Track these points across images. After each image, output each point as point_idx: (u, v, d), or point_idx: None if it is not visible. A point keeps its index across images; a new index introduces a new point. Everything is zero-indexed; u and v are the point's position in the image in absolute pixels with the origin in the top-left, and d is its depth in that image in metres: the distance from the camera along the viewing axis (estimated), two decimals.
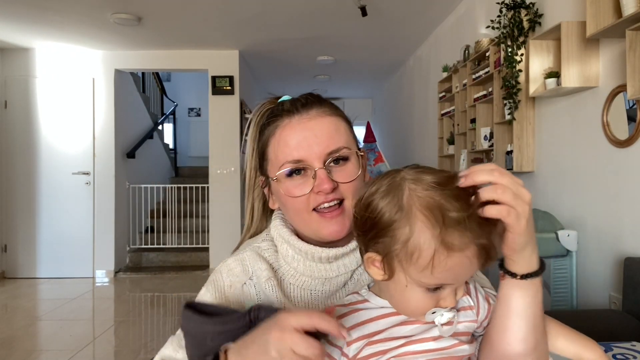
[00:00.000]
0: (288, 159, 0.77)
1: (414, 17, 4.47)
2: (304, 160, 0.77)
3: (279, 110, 0.82)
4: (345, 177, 0.78)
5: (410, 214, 0.58)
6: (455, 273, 0.59)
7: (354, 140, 0.84)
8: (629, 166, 2.15)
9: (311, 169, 0.77)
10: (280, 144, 0.79)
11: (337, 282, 0.80)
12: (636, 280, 1.93)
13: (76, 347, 3.17)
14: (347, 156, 0.79)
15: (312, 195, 0.77)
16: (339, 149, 0.78)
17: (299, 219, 0.80)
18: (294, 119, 0.79)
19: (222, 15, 4.36)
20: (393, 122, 7.34)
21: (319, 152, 0.77)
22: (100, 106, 5.48)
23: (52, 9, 4.10)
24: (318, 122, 0.79)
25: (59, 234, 5.42)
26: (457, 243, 0.56)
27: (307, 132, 0.78)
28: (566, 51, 2.35)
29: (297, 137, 0.78)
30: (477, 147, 3.46)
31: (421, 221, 0.58)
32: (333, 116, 0.81)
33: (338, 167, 0.78)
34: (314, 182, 0.76)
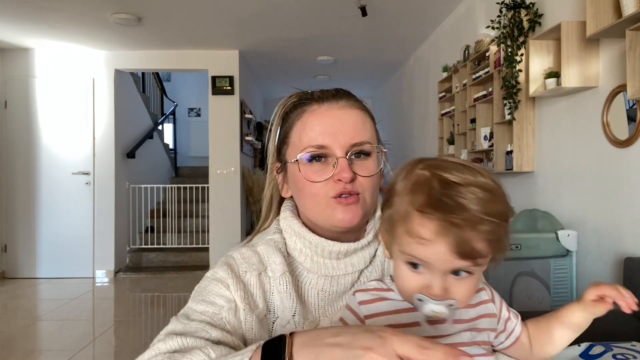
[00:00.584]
0: (312, 143, 0.77)
1: (414, 17, 4.47)
2: (328, 147, 0.76)
3: (307, 98, 0.82)
4: (364, 171, 0.77)
5: (406, 186, 0.62)
6: (427, 249, 0.59)
7: (377, 137, 0.84)
8: (629, 166, 2.15)
9: (333, 157, 0.76)
10: (305, 128, 0.78)
11: (345, 282, 0.79)
12: (636, 280, 1.93)
13: (76, 347, 3.17)
14: (370, 152, 0.79)
15: (331, 183, 0.76)
16: (363, 142, 0.78)
17: (314, 204, 0.78)
18: (324, 106, 0.79)
19: (222, 15, 4.36)
20: (393, 122, 7.34)
21: (344, 142, 0.76)
22: (100, 106, 5.48)
23: (52, 9, 4.10)
24: (346, 112, 0.79)
25: (59, 234, 5.42)
26: (429, 213, 0.57)
27: (335, 120, 0.77)
28: (566, 51, 2.35)
29: (324, 123, 0.77)
30: (477, 147, 3.46)
31: (407, 191, 0.61)
32: (361, 110, 0.82)
33: (359, 160, 0.77)
34: (333, 170, 0.76)
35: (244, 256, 0.79)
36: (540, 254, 2.37)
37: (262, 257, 0.79)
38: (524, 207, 2.93)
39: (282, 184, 0.85)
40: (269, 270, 0.78)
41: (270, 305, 0.77)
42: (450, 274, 0.60)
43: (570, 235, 2.38)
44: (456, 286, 0.61)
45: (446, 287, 0.60)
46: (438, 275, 0.60)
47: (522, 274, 2.49)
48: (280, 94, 0.89)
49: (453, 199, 0.57)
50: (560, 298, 2.41)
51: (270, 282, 0.77)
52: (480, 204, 0.57)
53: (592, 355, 1.45)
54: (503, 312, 0.70)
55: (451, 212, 0.56)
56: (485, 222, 0.57)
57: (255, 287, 0.76)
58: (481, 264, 0.60)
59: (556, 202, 2.71)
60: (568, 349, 1.48)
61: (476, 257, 0.58)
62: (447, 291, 0.60)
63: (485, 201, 0.58)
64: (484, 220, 0.57)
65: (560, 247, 2.38)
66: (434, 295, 0.60)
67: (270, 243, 0.81)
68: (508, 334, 0.70)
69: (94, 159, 5.48)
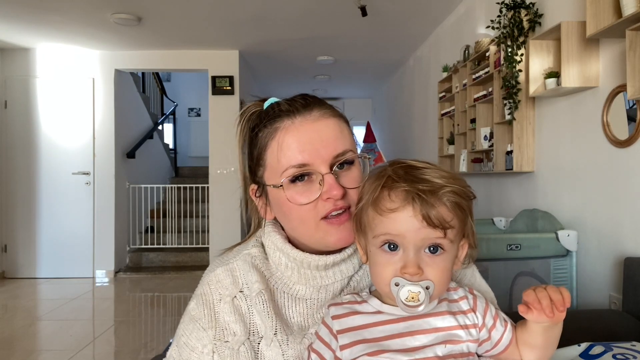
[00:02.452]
0: (292, 163, 0.71)
1: (414, 17, 4.47)
2: (310, 165, 0.72)
3: (275, 112, 0.76)
4: (351, 182, 0.74)
5: (372, 180, 0.68)
6: (397, 220, 0.63)
7: (355, 142, 0.80)
8: (629, 166, 2.15)
9: (317, 173, 0.72)
10: (282, 148, 0.72)
11: (334, 289, 0.77)
12: (636, 280, 1.93)
13: (76, 347, 3.17)
14: (352, 160, 0.75)
15: (320, 202, 0.72)
16: (345, 151, 0.74)
17: (304, 229, 0.74)
18: (297, 120, 0.73)
19: (222, 15, 4.36)
20: (393, 122, 7.34)
21: (326, 156, 0.72)
22: (100, 106, 5.48)
23: (52, 9, 4.10)
24: (322, 124, 0.74)
25: (59, 234, 5.42)
26: (395, 184, 0.64)
27: (312, 134, 0.72)
28: (566, 51, 2.35)
29: (301, 139, 0.72)
30: (477, 147, 3.46)
31: (373, 180, 0.67)
32: (336, 117, 0.77)
33: (344, 171, 0.74)
34: (320, 187, 0.71)
35: (218, 279, 0.77)
36: (540, 254, 2.37)
37: (237, 276, 0.77)
38: (524, 207, 2.93)
39: (264, 208, 0.80)
40: (245, 288, 0.76)
41: (252, 327, 0.74)
42: (424, 252, 0.64)
43: (570, 235, 2.38)
44: (430, 265, 0.64)
45: (421, 264, 0.63)
46: (412, 251, 0.63)
47: (522, 274, 2.49)
48: (280, 94, 0.86)
49: (416, 176, 0.65)
50: None
51: (247, 302, 0.75)
52: (442, 179, 0.65)
53: (592, 355, 1.45)
54: (487, 321, 0.69)
55: (415, 182, 0.63)
56: (447, 188, 0.63)
57: (229, 314, 0.74)
58: (451, 238, 0.64)
59: (556, 202, 2.71)
60: (568, 348, 1.48)
61: (443, 225, 0.62)
62: (422, 270, 0.63)
63: (446, 178, 0.65)
64: (445, 187, 0.63)
65: (560, 247, 2.38)
66: (409, 274, 0.63)
67: (247, 259, 0.78)
68: (494, 343, 0.69)
69: (94, 159, 5.48)
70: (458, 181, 0.66)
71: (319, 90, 8.12)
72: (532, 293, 0.63)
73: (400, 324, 0.65)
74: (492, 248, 2.32)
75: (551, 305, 0.62)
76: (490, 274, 2.41)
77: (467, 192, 0.67)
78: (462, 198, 0.65)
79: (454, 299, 0.69)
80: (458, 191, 0.65)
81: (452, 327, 0.66)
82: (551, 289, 0.64)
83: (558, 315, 0.62)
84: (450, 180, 0.65)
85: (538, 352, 0.68)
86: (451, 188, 0.64)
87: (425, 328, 0.65)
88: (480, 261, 2.32)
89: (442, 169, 0.67)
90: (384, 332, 0.65)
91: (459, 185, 0.65)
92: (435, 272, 0.64)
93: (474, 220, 0.70)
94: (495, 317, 0.70)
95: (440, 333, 0.65)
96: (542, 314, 0.62)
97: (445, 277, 0.66)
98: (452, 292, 0.70)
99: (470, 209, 0.68)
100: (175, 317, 3.90)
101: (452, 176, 0.66)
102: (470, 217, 0.68)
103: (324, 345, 0.67)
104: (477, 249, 0.72)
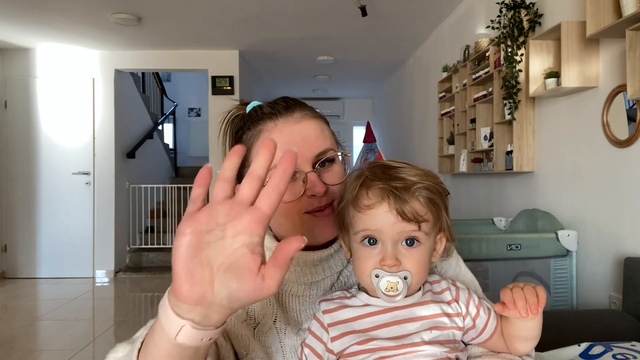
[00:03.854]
0: (276, 162, 0.75)
1: (414, 17, 4.47)
2: None
3: (258, 115, 0.79)
4: (333, 179, 0.78)
5: (352, 181, 0.73)
6: (374, 215, 0.67)
7: (336, 141, 0.84)
8: (629, 166, 2.15)
9: (300, 172, 0.75)
10: None
11: (324, 285, 0.80)
12: (636, 280, 1.93)
13: (76, 347, 3.17)
14: (334, 158, 0.79)
15: (304, 199, 0.75)
16: (326, 150, 0.77)
17: (289, 223, 0.77)
18: (279, 122, 0.77)
19: (222, 15, 4.36)
20: (393, 122, 7.34)
21: (309, 155, 0.75)
22: (100, 106, 5.48)
23: (52, 9, 4.10)
24: (304, 124, 0.77)
25: (59, 234, 5.42)
26: (372, 182, 0.69)
27: (295, 134, 0.76)
28: (566, 51, 2.35)
29: (284, 140, 0.75)
30: (477, 147, 3.46)
31: (353, 181, 0.72)
32: (316, 118, 0.80)
33: (325, 169, 0.77)
34: (304, 185, 0.75)
35: None
36: (540, 254, 2.37)
37: None
38: (524, 207, 2.93)
39: None
40: None
41: (250, 312, 0.77)
42: (401, 245, 0.68)
43: (570, 235, 2.38)
44: (407, 257, 0.68)
45: (398, 256, 0.67)
46: (389, 244, 0.68)
47: (522, 274, 2.49)
48: (280, 94, 0.87)
49: (392, 174, 0.69)
50: (560, 298, 2.41)
51: None
52: (416, 177, 0.69)
53: (592, 355, 1.45)
54: (470, 309, 0.72)
55: (390, 180, 0.68)
56: (419, 185, 0.68)
57: None
58: (426, 231, 0.68)
59: (556, 202, 2.71)
60: (568, 348, 1.49)
61: (417, 219, 0.67)
62: (400, 262, 0.67)
63: (420, 175, 0.70)
64: (418, 184, 0.68)
65: (560, 247, 2.38)
66: (388, 266, 0.67)
67: None
68: (479, 331, 0.72)
69: (94, 159, 5.48)
70: (431, 178, 0.71)
71: (319, 90, 8.12)
72: (509, 293, 0.66)
73: (387, 314, 0.69)
74: (492, 248, 2.32)
75: (526, 306, 0.65)
76: (490, 274, 2.41)
77: (440, 189, 0.71)
78: (435, 194, 0.69)
79: (438, 291, 0.74)
80: (431, 187, 0.69)
81: (437, 315, 0.70)
82: (528, 289, 0.66)
83: (532, 315, 0.66)
84: (424, 177, 0.70)
85: (521, 341, 0.72)
86: (424, 185, 0.68)
87: (411, 317, 0.69)
88: (480, 261, 2.33)
89: (418, 168, 0.72)
90: (372, 322, 0.69)
91: (432, 182, 0.70)
92: (412, 263, 0.68)
93: (449, 215, 0.73)
94: (479, 306, 0.73)
95: (426, 320, 0.69)
96: (517, 314, 0.65)
97: (423, 268, 0.70)
98: (435, 285, 0.75)
99: (445, 204, 0.72)
100: None
101: (426, 174, 0.71)
102: (445, 212, 0.72)
103: (316, 339, 0.70)
104: (454, 241, 0.77)
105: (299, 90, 8.09)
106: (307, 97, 8.56)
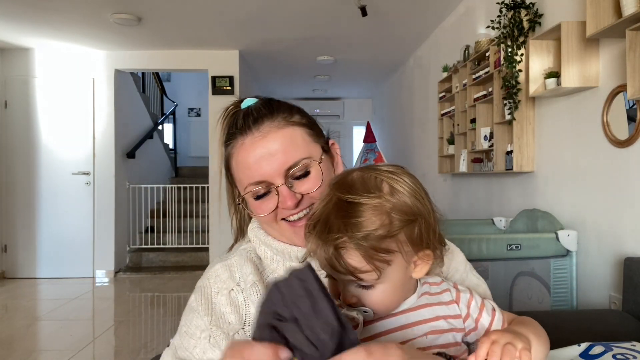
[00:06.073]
0: (250, 181, 0.78)
1: (414, 17, 4.47)
2: (265, 180, 0.77)
3: (234, 128, 0.80)
4: (309, 187, 0.78)
5: None
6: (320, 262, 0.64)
7: (315, 142, 0.81)
8: (629, 166, 2.15)
9: (273, 186, 0.77)
10: (239, 166, 0.79)
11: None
12: (636, 280, 1.93)
13: (76, 347, 3.17)
14: (308, 169, 0.78)
15: (279, 210, 0.78)
16: (298, 162, 0.77)
17: (271, 229, 0.82)
18: (247, 139, 0.78)
19: (222, 15, 4.36)
20: (393, 122, 7.34)
21: (278, 168, 0.76)
22: (100, 106, 5.48)
23: (52, 9, 4.10)
24: (270, 139, 0.77)
25: (59, 234, 5.42)
26: (308, 229, 0.66)
27: (262, 150, 0.76)
28: (566, 51, 2.35)
29: (252, 158, 0.77)
30: (477, 147, 3.46)
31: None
32: (286, 127, 0.79)
33: (299, 181, 0.78)
34: (278, 198, 0.77)
35: (217, 274, 0.81)
36: (540, 254, 2.37)
37: (233, 270, 0.81)
38: (524, 207, 2.93)
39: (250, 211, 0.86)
40: (242, 282, 0.80)
41: (248, 317, 0.78)
42: (354, 287, 0.64)
43: (570, 235, 2.38)
44: (364, 296, 0.63)
45: (356, 295, 0.63)
46: (342, 284, 0.65)
47: (522, 274, 2.49)
48: (280, 94, 0.87)
49: (333, 224, 0.62)
50: (560, 298, 2.41)
51: (244, 295, 0.79)
52: (372, 219, 0.61)
53: (592, 355, 1.45)
54: (472, 311, 0.70)
55: (327, 232, 0.62)
56: (359, 236, 0.60)
57: (225, 306, 0.78)
58: (376, 277, 0.61)
59: (556, 202, 2.71)
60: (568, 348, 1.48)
61: (355, 273, 0.61)
62: (360, 299, 0.64)
63: (381, 215, 0.62)
64: (357, 235, 0.60)
65: (560, 247, 2.38)
66: (345, 302, 0.64)
67: (243, 253, 0.84)
68: (483, 332, 0.70)
69: (94, 159, 5.47)
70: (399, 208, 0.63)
71: (319, 90, 8.12)
72: (486, 346, 0.60)
73: (379, 323, 0.66)
74: (492, 248, 2.32)
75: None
76: (490, 274, 2.41)
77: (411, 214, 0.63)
78: (388, 238, 0.61)
79: (436, 292, 0.71)
80: (375, 237, 0.60)
81: (433, 319, 0.67)
82: (508, 350, 0.59)
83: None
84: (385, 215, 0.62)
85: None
86: (365, 235, 0.60)
87: (405, 323, 0.66)
88: (480, 261, 2.33)
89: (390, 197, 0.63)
90: (363, 334, 0.65)
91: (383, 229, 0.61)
92: (371, 301, 0.64)
93: (433, 226, 0.66)
94: (482, 307, 0.71)
95: (421, 326, 0.66)
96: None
97: (388, 299, 0.65)
98: (434, 286, 0.72)
99: (424, 224, 0.65)
100: (175, 317, 3.90)
101: (397, 206, 0.63)
102: (423, 230, 0.64)
103: None
104: (445, 246, 0.71)
105: (299, 90, 8.08)
106: (307, 97, 8.56)
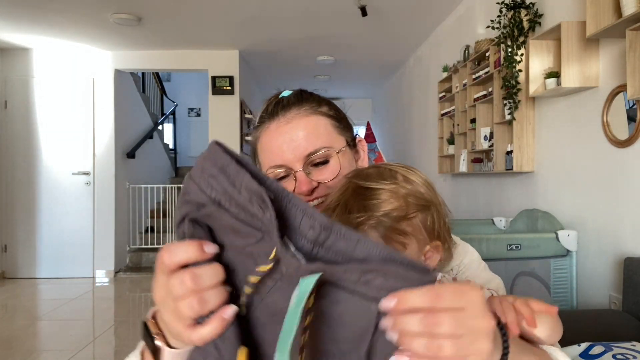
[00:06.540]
0: (271, 164, 0.80)
1: (414, 17, 4.47)
2: (285, 165, 0.79)
3: (265, 113, 0.83)
4: (325, 177, 0.79)
5: None
6: None
7: (339, 134, 0.83)
8: (629, 166, 2.15)
9: (292, 171, 0.78)
10: (263, 150, 0.81)
11: None
12: (636, 280, 1.93)
13: (76, 347, 3.17)
14: (327, 159, 0.79)
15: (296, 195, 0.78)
16: (317, 150, 0.78)
17: None
18: (273, 124, 0.80)
19: (222, 15, 4.36)
20: (393, 122, 7.34)
21: (298, 155, 0.78)
22: (100, 106, 5.48)
23: (52, 9, 4.10)
24: (294, 126, 0.79)
25: (59, 234, 5.42)
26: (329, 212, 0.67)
27: (284, 135, 0.78)
28: (566, 51, 2.35)
29: (275, 142, 0.79)
30: (477, 147, 3.46)
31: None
32: (312, 115, 0.81)
33: (317, 169, 0.79)
34: (295, 183, 0.78)
35: None
36: (540, 254, 2.37)
37: None
38: (524, 207, 2.93)
39: None
40: None
41: None
42: None
43: (570, 235, 2.38)
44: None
45: None
46: None
47: (522, 274, 2.49)
48: None
49: (353, 205, 0.65)
50: (560, 298, 2.41)
51: None
52: (384, 203, 0.64)
53: (592, 355, 1.45)
54: None
55: (349, 212, 0.64)
56: (376, 218, 0.62)
57: None
58: None
59: (556, 202, 2.71)
60: (568, 348, 1.48)
61: None
62: None
63: (393, 199, 0.64)
64: (373, 218, 0.63)
65: (560, 247, 2.38)
66: None
67: None
68: None
69: (94, 159, 5.47)
70: (404, 200, 0.64)
71: (319, 90, 8.06)
72: (498, 304, 0.59)
73: None
74: (492, 248, 2.32)
75: (516, 320, 0.57)
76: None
77: (421, 203, 0.65)
78: (399, 221, 0.63)
79: None
80: (393, 218, 0.62)
81: None
82: (520, 301, 0.59)
83: (531, 327, 0.59)
84: (396, 201, 0.63)
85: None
86: (381, 216, 0.62)
87: None
88: None
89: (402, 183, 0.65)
90: None
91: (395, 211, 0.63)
92: None
93: (446, 223, 0.68)
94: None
95: None
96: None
97: None
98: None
99: (435, 213, 0.66)
100: None
101: (408, 193, 0.64)
102: (435, 220, 0.66)
103: None
104: (451, 240, 0.71)
105: None
106: None
